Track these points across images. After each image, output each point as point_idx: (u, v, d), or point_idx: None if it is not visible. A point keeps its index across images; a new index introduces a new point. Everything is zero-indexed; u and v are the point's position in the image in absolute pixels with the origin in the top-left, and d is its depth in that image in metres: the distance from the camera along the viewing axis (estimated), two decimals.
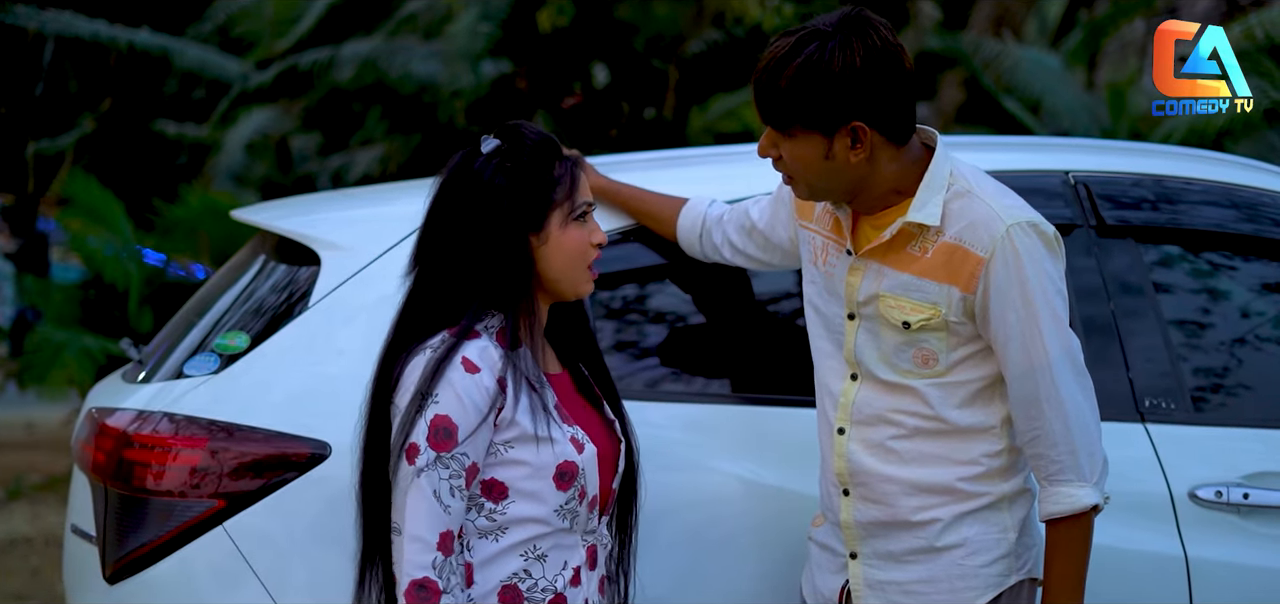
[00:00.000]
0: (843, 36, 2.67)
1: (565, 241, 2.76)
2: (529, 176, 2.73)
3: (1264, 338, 3.61)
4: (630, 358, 3.35)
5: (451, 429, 2.62)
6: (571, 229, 2.76)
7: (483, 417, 2.64)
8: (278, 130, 11.25)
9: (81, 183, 8.35)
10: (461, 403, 2.62)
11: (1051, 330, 2.73)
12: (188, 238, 8.17)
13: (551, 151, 2.77)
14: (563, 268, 2.77)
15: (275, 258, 3.55)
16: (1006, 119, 10.36)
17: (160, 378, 3.34)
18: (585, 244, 2.78)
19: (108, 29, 11.34)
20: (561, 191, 2.75)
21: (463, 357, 2.65)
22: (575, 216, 2.77)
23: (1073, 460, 2.77)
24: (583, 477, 2.73)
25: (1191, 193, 3.64)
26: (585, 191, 2.79)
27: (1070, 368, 2.76)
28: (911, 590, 2.89)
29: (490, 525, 2.70)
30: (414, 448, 2.62)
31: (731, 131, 11.23)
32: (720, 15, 12.55)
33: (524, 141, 2.75)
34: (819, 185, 2.80)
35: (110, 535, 3.14)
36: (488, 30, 10.93)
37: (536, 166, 2.74)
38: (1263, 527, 3.31)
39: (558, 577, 2.74)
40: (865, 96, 2.68)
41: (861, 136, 2.71)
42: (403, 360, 2.69)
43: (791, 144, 2.76)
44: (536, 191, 2.73)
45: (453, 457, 2.62)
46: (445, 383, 2.63)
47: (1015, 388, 2.78)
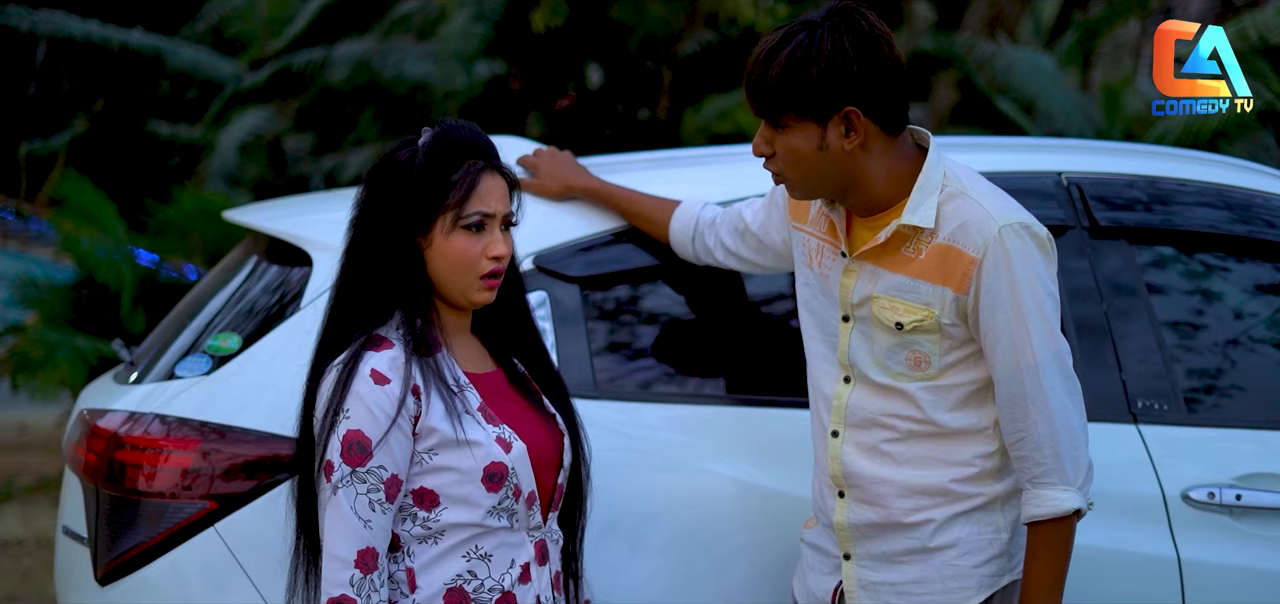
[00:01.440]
0: (832, 23, 2.71)
1: (448, 248, 2.70)
2: (425, 176, 2.68)
3: (1256, 339, 3.61)
4: (623, 359, 3.35)
5: (364, 442, 2.59)
6: (457, 237, 2.69)
7: (395, 427, 2.61)
8: (271, 131, 11.22)
9: (74, 183, 8.32)
10: (372, 415, 2.60)
11: (1040, 333, 2.73)
12: (180, 239, 8.14)
13: (459, 154, 2.70)
14: (447, 274, 2.71)
15: (267, 259, 3.55)
16: (1000, 120, 10.36)
17: (152, 379, 3.34)
18: (473, 254, 2.70)
19: (100, 29, 11.32)
20: (454, 196, 2.68)
21: (371, 368, 2.62)
22: (464, 225, 2.69)
23: (1057, 463, 2.77)
24: (514, 475, 2.69)
25: (1184, 194, 3.64)
26: (484, 202, 2.71)
27: (1057, 371, 2.76)
28: (904, 591, 2.89)
29: (426, 532, 2.68)
30: (330, 465, 2.60)
31: (725, 132, 11.22)
32: (714, 16, 12.56)
33: (440, 140, 2.70)
34: (813, 179, 2.80)
35: (102, 537, 3.14)
36: (481, 31, 10.92)
37: (436, 167, 2.68)
38: (1255, 528, 3.31)
39: (505, 575, 2.71)
40: (857, 81, 2.70)
41: (855, 123, 2.72)
42: (321, 376, 2.68)
43: (785, 137, 2.77)
44: (427, 193, 2.68)
45: (368, 470, 2.59)
46: (354, 396, 2.60)
47: (1002, 389, 2.78)
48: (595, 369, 3.27)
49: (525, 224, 2.92)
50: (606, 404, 3.24)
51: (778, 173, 2.83)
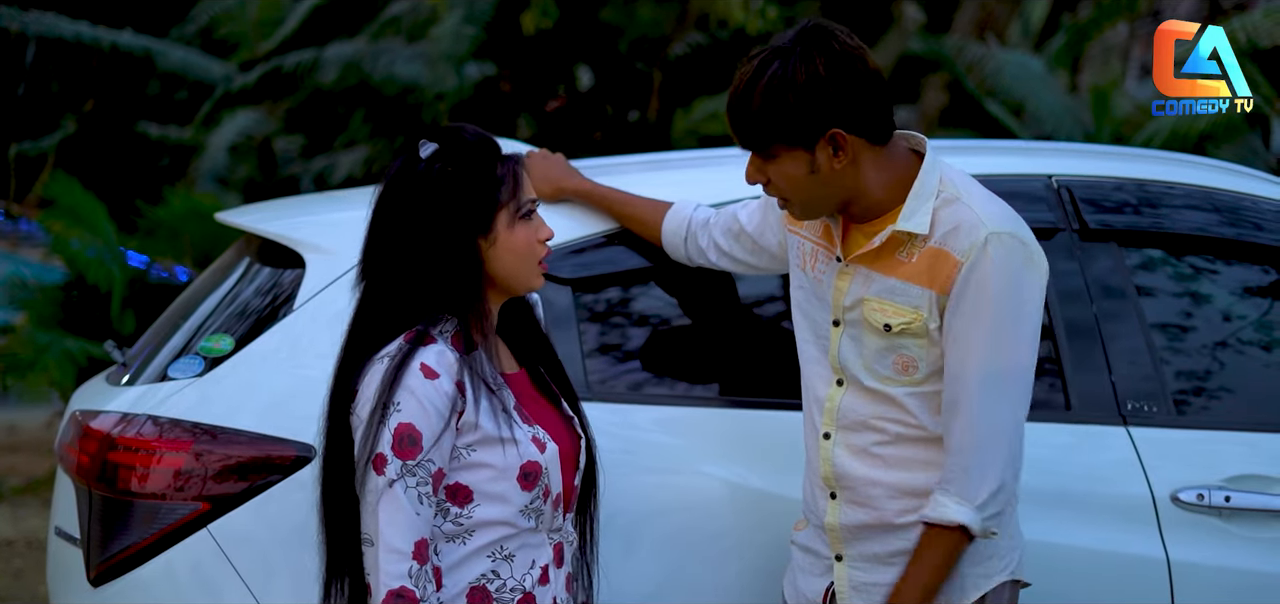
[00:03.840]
0: (803, 49, 2.70)
1: (514, 241, 2.74)
2: (472, 178, 2.71)
3: (1245, 341, 3.63)
4: (614, 360, 3.36)
5: (416, 436, 2.61)
6: (519, 228, 2.75)
7: (445, 422, 2.63)
8: (261, 132, 11.21)
9: (64, 184, 8.31)
10: (423, 409, 2.61)
11: (992, 347, 2.74)
12: (170, 240, 8.14)
13: (492, 151, 2.75)
14: (514, 266, 2.76)
15: (260, 260, 3.54)
16: (990, 122, 10.38)
17: (144, 380, 3.34)
18: (532, 241, 2.77)
19: (90, 30, 11.29)
20: (506, 191, 2.73)
21: (421, 362, 2.63)
22: (521, 215, 2.75)
23: (962, 476, 2.77)
24: (546, 476, 2.72)
25: (1173, 197, 3.65)
26: (529, 189, 2.78)
27: (994, 389, 2.75)
28: None
29: (456, 529, 2.69)
30: (381, 458, 2.61)
31: (715, 134, 11.22)
32: (704, 18, 12.56)
33: (464, 142, 2.73)
34: (812, 201, 2.81)
35: (94, 538, 3.14)
36: (471, 33, 10.91)
37: (479, 167, 2.72)
38: (1244, 529, 3.32)
39: (526, 576, 2.73)
40: (836, 103, 2.70)
41: (842, 143, 2.73)
42: (360, 371, 2.68)
43: (776, 166, 2.78)
44: (481, 193, 2.71)
45: (419, 464, 2.61)
46: (405, 390, 2.61)
47: (944, 389, 2.80)
48: (587, 371, 3.28)
49: None
50: (598, 406, 3.24)
51: (779, 196, 2.84)
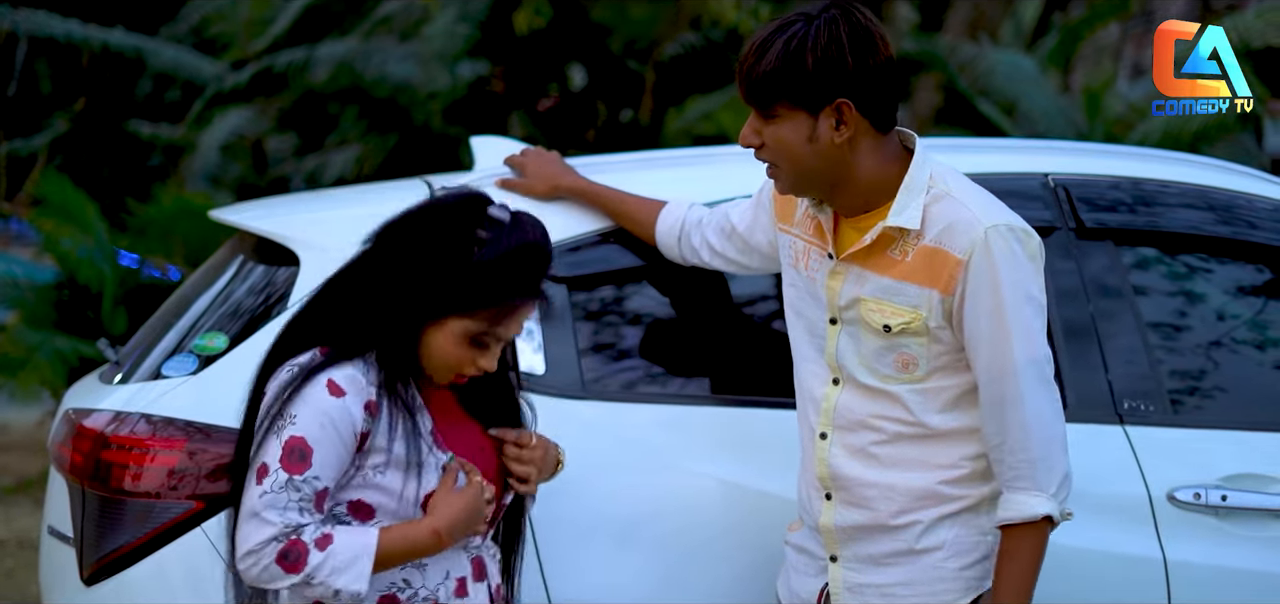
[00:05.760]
0: (829, 16, 2.72)
1: (446, 346, 2.63)
2: (482, 274, 2.59)
3: (1241, 340, 3.63)
4: (610, 359, 3.35)
5: (306, 452, 2.55)
6: (463, 346, 2.64)
7: (342, 442, 2.57)
8: (253, 131, 11.19)
9: (55, 183, 8.29)
10: (319, 426, 2.56)
11: (1021, 337, 2.74)
12: (162, 239, 8.13)
13: (531, 268, 2.63)
14: (434, 363, 2.66)
15: (253, 258, 3.54)
16: (982, 122, 10.38)
17: (138, 379, 3.33)
18: (464, 359, 2.65)
19: (81, 29, 11.27)
20: (487, 315, 2.62)
21: (329, 378, 2.57)
22: (477, 341, 2.64)
23: (1030, 469, 2.77)
24: None
25: (1168, 195, 3.65)
26: (509, 330, 2.65)
27: (1037, 377, 2.76)
28: (891, 593, 2.90)
29: None
30: (264, 469, 2.55)
31: (708, 134, 11.23)
32: (697, 18, 12.57)
33: (512, 243, 2.60)
34: (802, 172, 2.80)
35: (88, 537, 3.13)
36: (464, 32, 10.91)
37: (495, 275, 2.60)
38: (1241, 528, 3.32)
39: (440, 587, 2.69)
40: (851, 73, 2.71)
41: (846, 116, 2.73)
42: (273, 375, 2.63)
43: (775, 127, 2.77)
44: (469, 289, 2.60)
45: (304, 480, 2.55)
46: (304, 403, 2.56)
47: (983, 392, 2.79)
48: (582, 369, 3.27)
49: None
50: (593, 404, 3.24)
51: (769, 162, 2.83)
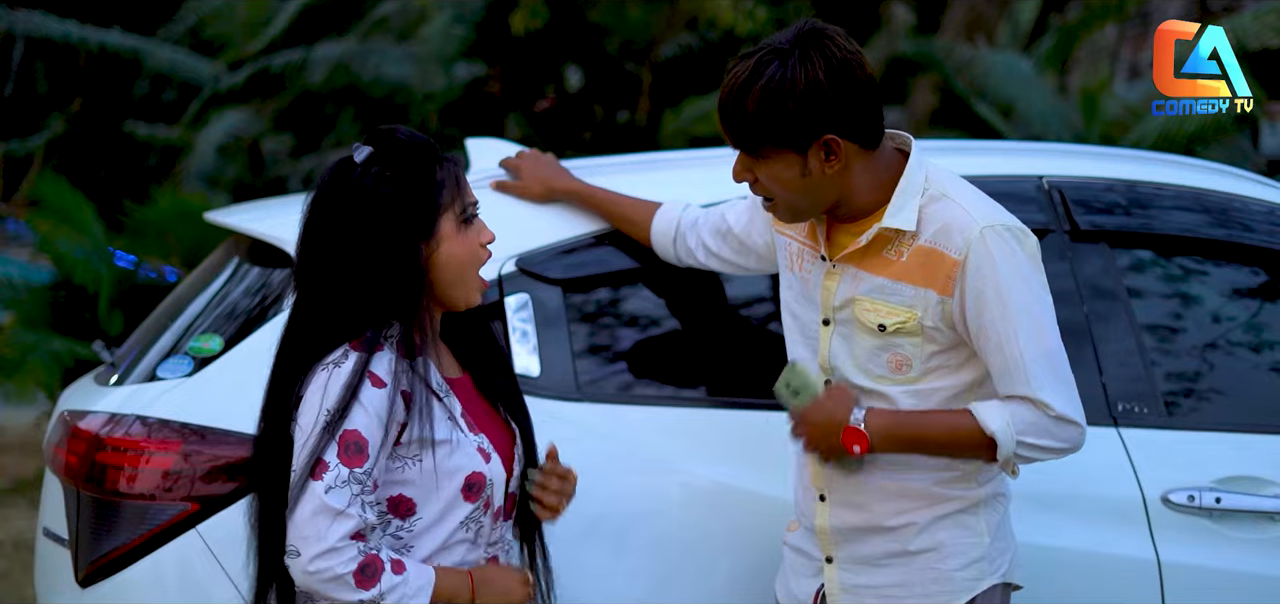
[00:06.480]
0: (802, 52, 2.68)
1: (457, 246, 2.68)
2: (412, 182, 2.64)
3: (1235, 342, 3.63)
4: (605, 361, 3.35)
5: (362, 444, 2.57)
6: (462, 232, 2.68)
7: (386, 432, 2.59)
8: (249, 132, 11.19)
9: (51, 184, 8.28)
10: (370, 419, 2.58)
11: (1027, 334, 2.73)
12: (158, 240, 8.12)
13: (430, 155, 2.68)
14: (455, 274, 2.68)
15: (249, 260, 3.54)
16: (979, 124, 10.39)
17: (133, 381, 3.33)
18: (475, 247, 2.70)
19: (78, 30, 11.26)
20: (447, 194, 2.67)
21: (369, 372, 2.59)
22: (464, 219, 2.69)
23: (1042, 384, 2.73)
24: (490, 487, 2.69)
25: (1163, 198, 3.66)
26: (470, 193, 2.71)
27: (1046, 371, 2.75)
28: (886, 594, 2.90)
29: (397, 543, 2.66)
30: (323, 465, 2.56)
31: (705, 135, 11.23)
32: (693, 19, 12.57)
33: (400, 146, 2.66)
34: (800, 203, 2.79)
35: (83, 538, 3.13)
36: (461, 33, 10.91)
37: (418, 171, 2.65)
38: (1235, 530, 3.33)
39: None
40: (833, 109, 2.68)
41: (835, 149, 2.72)
42: (303, 378, 2.63)
43: (766, 166, 2.76)
44: (422, 196, 2.64)
45: (365, 472, 2.57)
46: (352, 396, 2.57)
47: (1000, 384, 2.78)
48: (577, 371, 3.27)
49: (508, 226, 2.91)
50: (589, 406, 3.24)
51: (764, 197, 2.83)
